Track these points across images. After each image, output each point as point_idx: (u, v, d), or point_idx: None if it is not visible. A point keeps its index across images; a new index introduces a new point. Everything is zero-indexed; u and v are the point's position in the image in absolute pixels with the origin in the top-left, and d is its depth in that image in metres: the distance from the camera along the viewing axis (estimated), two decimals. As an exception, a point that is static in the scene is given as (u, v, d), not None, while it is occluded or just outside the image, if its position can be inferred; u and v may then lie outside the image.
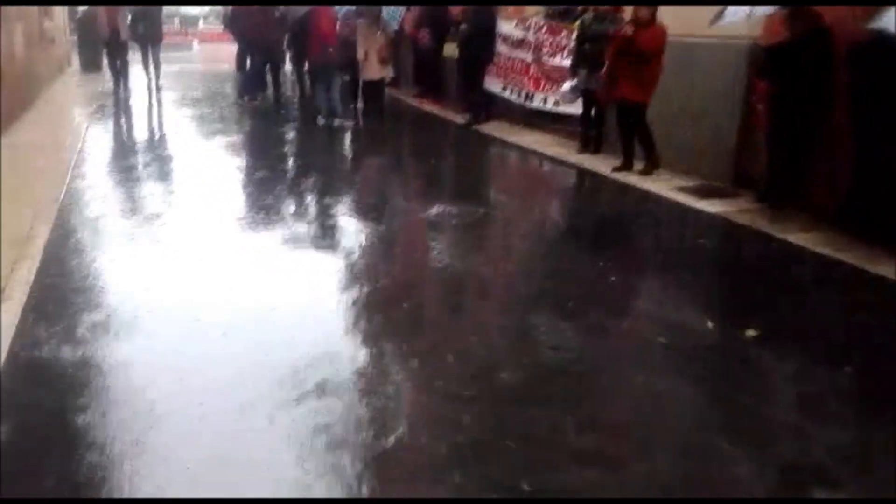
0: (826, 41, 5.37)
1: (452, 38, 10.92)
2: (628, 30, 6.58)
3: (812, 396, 3.01)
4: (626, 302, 4.20)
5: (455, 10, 10.89)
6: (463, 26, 9.61)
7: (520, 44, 9.65)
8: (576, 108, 8.69)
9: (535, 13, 9.55)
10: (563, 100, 8.30)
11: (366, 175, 7.65)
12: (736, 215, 5.68)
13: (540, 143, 8.66)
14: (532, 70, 9.51)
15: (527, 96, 9.63)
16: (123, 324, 3.51)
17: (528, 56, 9.54)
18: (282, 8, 10.45)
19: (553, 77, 9.19)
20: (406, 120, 11.02)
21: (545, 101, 9.36)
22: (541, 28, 9.33)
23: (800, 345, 3.46)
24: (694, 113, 6.77)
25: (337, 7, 9.99)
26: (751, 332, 3.54)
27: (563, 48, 8.98)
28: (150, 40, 12.83)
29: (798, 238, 5.09)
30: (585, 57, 7.69)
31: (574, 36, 8.67)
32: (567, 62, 8.82)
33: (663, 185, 6.57)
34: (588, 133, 8.08)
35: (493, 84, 10.10)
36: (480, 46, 9.53)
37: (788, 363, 3.30)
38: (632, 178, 6.88)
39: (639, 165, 6.96)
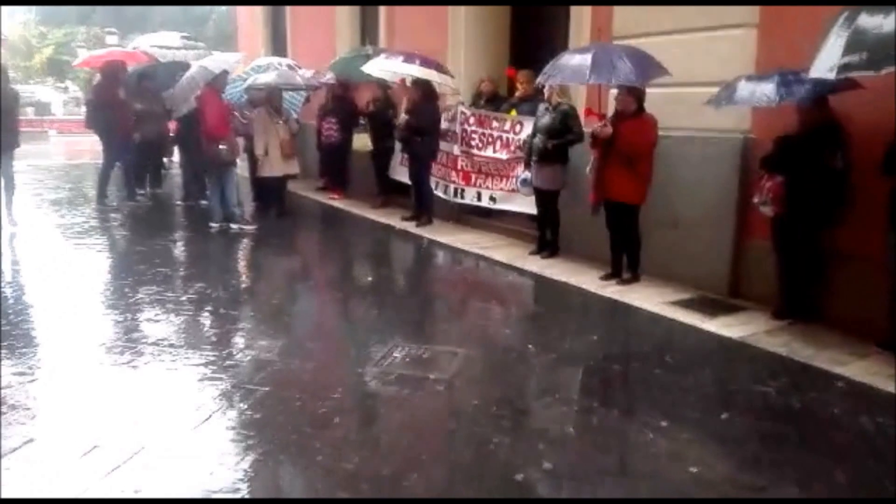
0: (839, 136, 4.65)
1: (362, 129, 9.80)
2: (605, 130, 5.65)
3: None
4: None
5: (365, 99, 9.82)
6: (402, 118, 8.42)
7: (443, 135, 8.63)
8: (518, 206, 7.74)
9: (455, 102, 8.60)
10: (522, 192, 7.27)
11: (276, 303, 5.67)
12: (764, 340, 4.68)
13: (481, 245, 7.52)
14: (460, 163, 8.47)
15: (456, 192, 8.55)
16: None
17: (453, 148, 8.51)
18: (167, 96, 8.87)
19: (486, 171, 8.19)
20: (316, 220, 9.55)
21: (478, 196, 8.31)
22: (467, 119, 8.36)
23: None
24: (681, 214, 5.87)
25: (228, 94, 8.58)
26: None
27: (496, 140, 8.04)
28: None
29: (860, 372, 4.12)
30: (537, 151, 6.73)
31: (505, 126, 7.87)
32: (501, 154, 7.91)
33: (654, 299, 5.54)
34: (543, 235, 7.04)
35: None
36: (425, 142, 8.38)
37: None
38: (612, 290, 5.82)
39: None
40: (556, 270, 6.43)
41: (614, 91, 6.38)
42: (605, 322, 5.25)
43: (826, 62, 3.86)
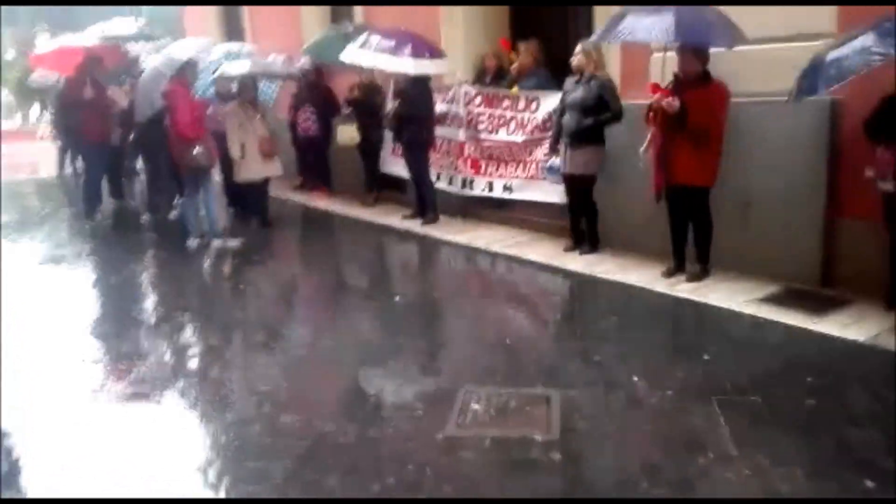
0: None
1: (346, 120, 8.74)
2: (673, 104, 4.76)
3: None
4: None
5: (345, 85, 8.76)
6: (392, 104, 7.39)
7: (443, 119, 7.67)
8: (539, 194, 6.86)
9: (457, 81, 7.63)
10: (549, 180, 6.35)
11: (295, 344, 4.56)
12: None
13: (504, 242, 6.62)
14: (467, 150, 7.53)
15: (464, 183, 7.61)
16: None
17: (458, 134, 7.56)
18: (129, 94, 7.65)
19: (498, 157, 7.27)
20: (305, 228, 8.45)
21: (490, 186, 7.38)
22: (472, 99, 7.42)
23: None
24: (755, 193, 5.06)
25: (197, 87, 7.44)
26: None
27: (509, 121, 7.12)
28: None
29: None
30: (568, 132, 5.84)
31: (519, 104, 6.96)
32: (517, 137, 7.00)
33: (738, 297, 4.74)
34: (577, 227, 6.17)
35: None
36: (418, 128, 7.37)
37: None
38: (684, 289, 5.00)
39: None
40: (606, 268, 5.58)
41: (657, 56, 5.54)
42: (700, 333, 4.42)
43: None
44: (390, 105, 7.42)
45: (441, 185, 7.79)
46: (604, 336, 4.29)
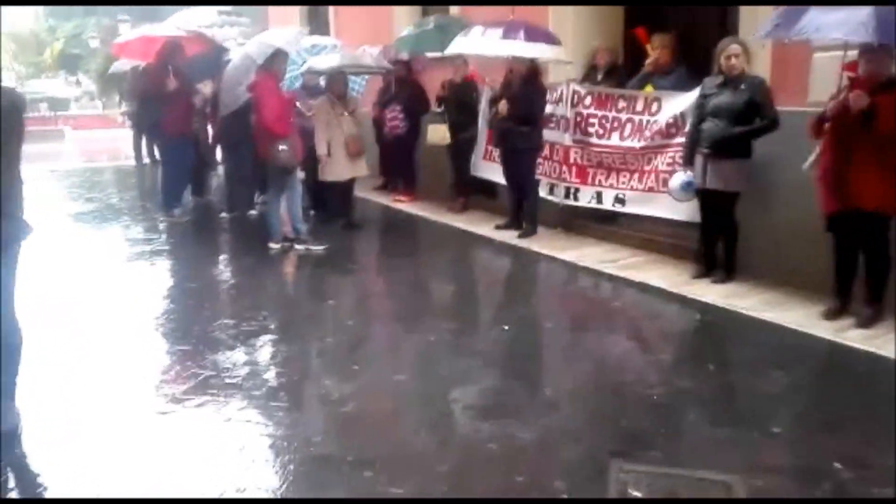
0: None
1: (438, 119, 8.10)
2: (860, 100, 3.94)
3: None
4: None
5: (436, 81, 8.14)
6: (502, 105, 6.68)
7: (547, 121, 6.95)
8: (658, 209, 6.07)
9: (563, 80, 6.89)
10: (677, 198, 5.55)
11: (380, 376, 3.85)
12: None
13: (618, 263, 5.87)
14: (573, 156, 6.80)
15: (568, 192, 6.88)
16: None
17: (564, 138, 6.84)
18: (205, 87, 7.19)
19: (609, 165, 6.51)
20: (391, 233, 7.81)
21: (598, 197, 6.63)
22: (581, 100, 6.68)
23: None
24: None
25: (284, 81, 6.93)
26: None
27: (624, 124, 6.35)
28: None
29: None
30: (710, 141, 5.05)
31: (637, 105, 6.19)
32: (633, 142, 6.23)
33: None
34: (711, 251, 5.37)
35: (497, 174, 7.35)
36: (530, 132, 6.67)
37: None
38: (853, 336, 4.16)
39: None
40: (750, 303, 4.77)
41: (820, 56, 4.73)
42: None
43: None
44: (502, 105, 6.68)
45: (541, 193, 7.08)
46: (775, 397, 3.49)
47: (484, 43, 6.58)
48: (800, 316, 4.48)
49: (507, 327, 4.63)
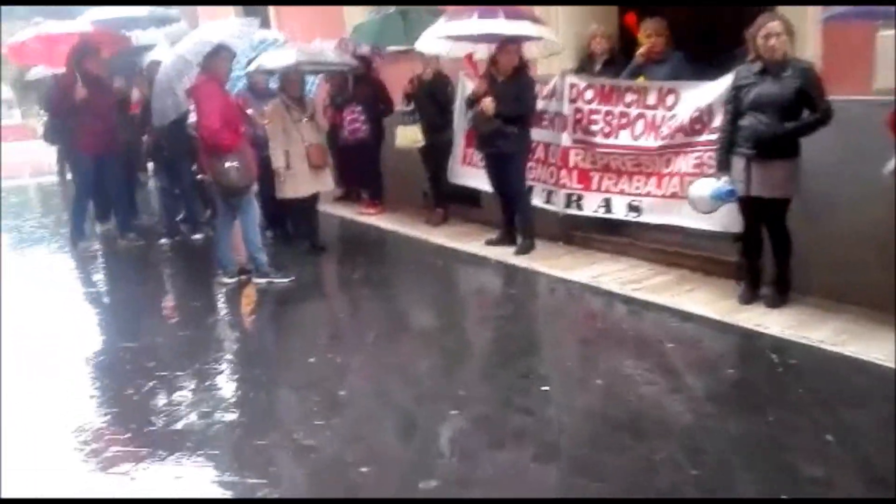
0: None
1: (408, 119, 7.06)
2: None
3: None
4: None
5: (411, 77, 7.09)
6: (487, 102, 5.66)
7: (538, 119, 6.03)
8: (680, 218, 5.21)
9: (558, 71, 5.98)
10: (700, 208, 4.66)
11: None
12: None
13: (638, 283, 5.01)
14: (573, 159, 5.90)
15: (569, 200, 5.97)
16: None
17: (561, 138, 5.93)
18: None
19: (617, 168, 5.64)
20: (366, 254, 6.57)
21: (607, 205, 5.74)
22: (581, 93, 5.78)
23: None
24: None
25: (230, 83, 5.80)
26: None
27: (634, 120, 5.49)
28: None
29: None
30: (753, 139, 4.21)
31: (649, 99, 5.34)
32: (648, 141, 5.37)
33: None
34: (756, 267, 4.54)
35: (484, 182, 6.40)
36: (518, 132, 5.74)
37: None
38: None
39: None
40: (822, 334, 3.93)
41: (887, 35, 3.95)
42: None
43: None
44: (487, 103, 5.70)
45: (536, 202, 6.17)
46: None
47: (457, 27, 5.64)
48: (887, 349, 3.67)
49: (529, 377, 3.66)
